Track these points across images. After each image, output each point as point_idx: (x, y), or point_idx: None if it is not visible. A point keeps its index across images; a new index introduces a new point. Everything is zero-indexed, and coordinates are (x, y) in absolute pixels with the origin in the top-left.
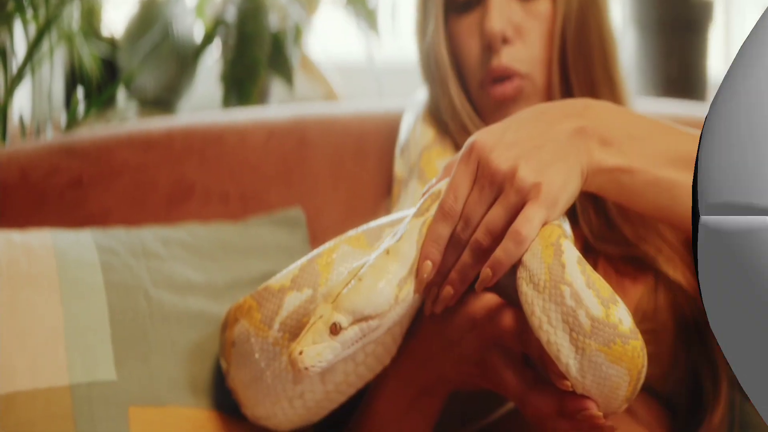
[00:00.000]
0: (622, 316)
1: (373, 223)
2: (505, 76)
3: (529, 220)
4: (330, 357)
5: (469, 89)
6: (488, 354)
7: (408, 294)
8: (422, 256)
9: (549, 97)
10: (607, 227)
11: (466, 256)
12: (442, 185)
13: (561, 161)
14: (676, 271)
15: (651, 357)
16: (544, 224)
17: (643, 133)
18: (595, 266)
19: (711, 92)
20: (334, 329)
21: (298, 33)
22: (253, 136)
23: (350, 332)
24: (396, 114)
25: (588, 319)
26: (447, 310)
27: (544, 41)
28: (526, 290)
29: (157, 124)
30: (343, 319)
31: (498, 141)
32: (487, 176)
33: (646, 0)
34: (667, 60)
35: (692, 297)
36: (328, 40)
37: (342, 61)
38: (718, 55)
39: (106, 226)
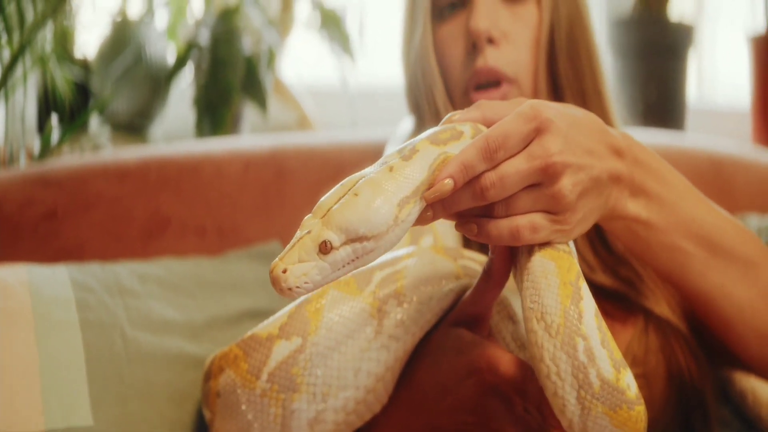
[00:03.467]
0: (630, 382)
1: None
2: (490, 79)
3: (536, 231)
4: (318, 278)
5: (453, 99)
6: (487, 401)
7: (409, 215)
8: (446, 173)
9: None
10: (593, 250)
11: (474, 203)
12: (467, 128)
13: (592, 198)
14: (661, 306)
15: None
16: (547, 243)
17: (675, 198)
18: None
19: (690, 119)
20: (324, 248)
21: (271, 57)
22: (229, 167)
23: (342, 253)
24: (375, 143)
25: (598, 379)
26: (444, 356)
27: (531, 47)
28: (536, 328)
29: (132, 153)
30: (334, 238)
31: (564, 131)
32: (543, 158)
33: (624, 24)
34: (645, 86)
35: (683, 336)
36: (302, 63)
37: (315, 85)
38: (698, 81)
39: (81, 259)
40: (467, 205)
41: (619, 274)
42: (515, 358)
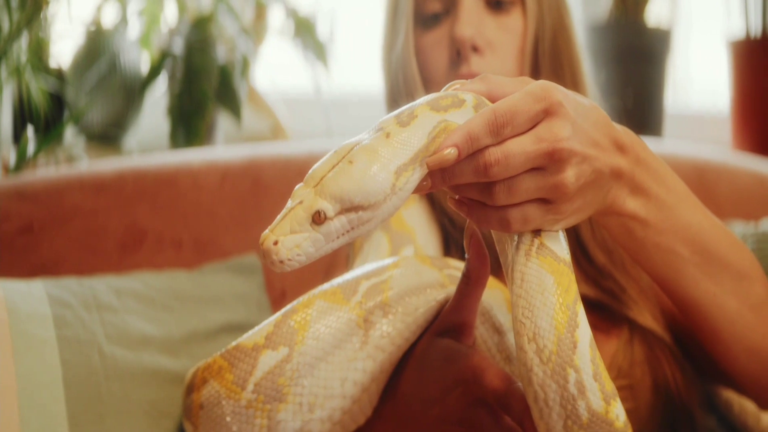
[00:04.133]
0: (619, 412)
1: (348, 275)
2: None
3: (527, 223)
4: (311, 250)
5: None
6: (474, 412)
7: (407, 184)
8: (450, 141)
9: None
10: (575, 261)
11: (475, 178)
12: (470, 97)
13: (592, 191)
14: (645, 317)
15: (628, 414)
16: (546, 248)
17: (674, 201)
18: None
19: (668, 124)
20: (318, 218)
21: (245, 65)
22: (206, 179)
23: (336, 223)
24: None
25: (587, 412)
26: (429, 367)
27: (516, 56)
28: (527, 348)
29: (108, 166)
30: (328, 207)
31: (573, 118)
32: (550, 142)
33: (600, 29)
34: (622, 91)
35: (668, 346)
36: (275, 71)
37: (289, 93)
38: (675, 86)
39: (58, 273)
40: (468, 179)
41: (602, 285)
42: (500, 370)
